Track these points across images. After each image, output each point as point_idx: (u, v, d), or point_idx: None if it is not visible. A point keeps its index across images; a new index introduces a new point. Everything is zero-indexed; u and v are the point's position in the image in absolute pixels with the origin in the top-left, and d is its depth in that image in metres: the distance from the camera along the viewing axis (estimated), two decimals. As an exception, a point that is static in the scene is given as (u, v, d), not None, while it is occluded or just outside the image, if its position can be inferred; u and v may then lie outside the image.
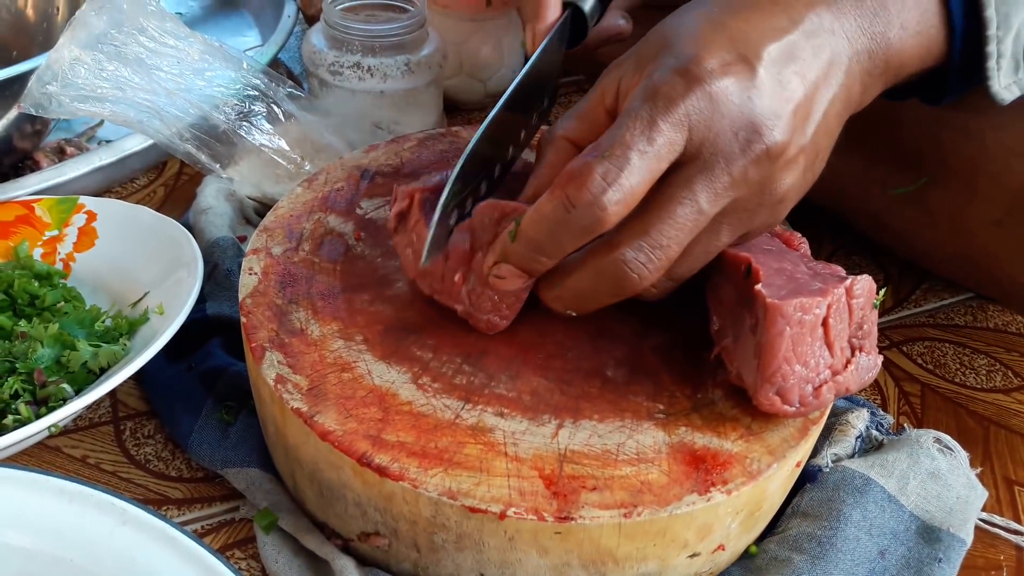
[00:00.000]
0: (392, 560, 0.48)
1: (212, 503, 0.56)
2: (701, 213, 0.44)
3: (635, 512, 0.43)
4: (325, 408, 0.46)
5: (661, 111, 0.43)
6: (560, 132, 0.50)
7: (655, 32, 0.48)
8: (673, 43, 0.46)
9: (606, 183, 0.42)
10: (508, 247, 0.46)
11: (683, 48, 0.45)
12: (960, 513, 0.54)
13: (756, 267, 0.47)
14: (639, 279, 0.45)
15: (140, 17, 0.66)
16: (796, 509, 0.53)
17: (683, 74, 0.44)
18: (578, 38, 0.59)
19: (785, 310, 0.44)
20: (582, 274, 0.46)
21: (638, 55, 0.47)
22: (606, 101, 0.48)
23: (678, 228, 0.44)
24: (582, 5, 0.57)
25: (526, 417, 0.47)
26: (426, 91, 0.79)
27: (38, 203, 0.68)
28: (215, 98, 0.69)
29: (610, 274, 0.45)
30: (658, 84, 0.44)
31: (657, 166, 0.43)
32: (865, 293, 0.47)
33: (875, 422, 0.58)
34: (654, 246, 0.44)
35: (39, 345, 0.57)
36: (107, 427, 0.60)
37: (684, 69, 0.44)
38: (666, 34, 0.47)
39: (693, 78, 0.44)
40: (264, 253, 0.55)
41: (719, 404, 0.48)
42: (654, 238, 0.44)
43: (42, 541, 0.44)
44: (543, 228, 0.45)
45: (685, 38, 0.45)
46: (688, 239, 0.45)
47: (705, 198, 0.44)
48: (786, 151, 0.45)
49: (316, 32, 0.78)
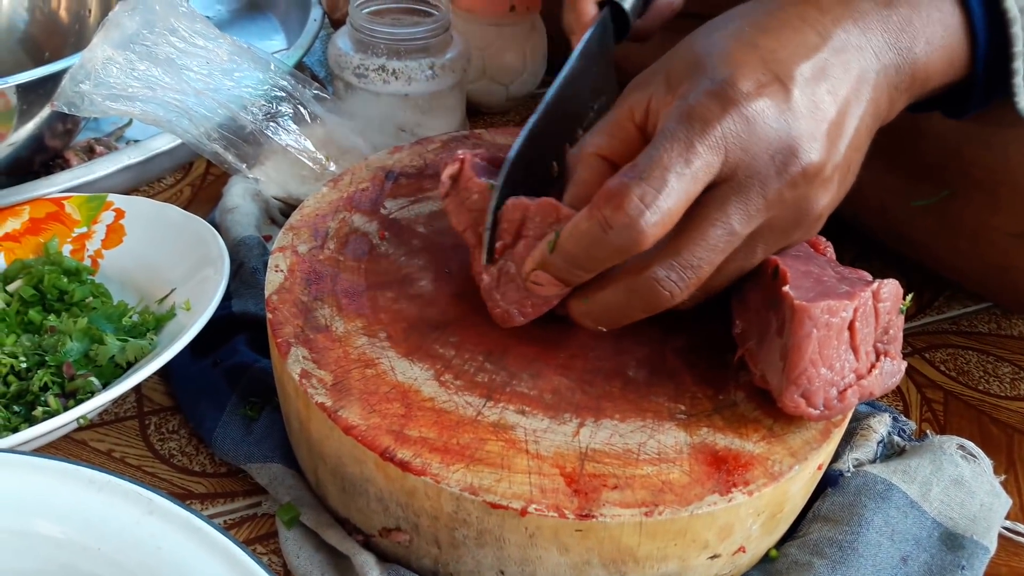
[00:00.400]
0: (413, 556, 0.48)
1: (235, 498, 0.56)
2: (734, 234, 0.45)
3: (656, 511, 0.43)
4: (349, 403, 0.47)
5: (698, 133, 0.43)
6: (591, 149, 0.50)
7: (684, 50, 0.48)
8: (705, 63, 0.46)
9: (643, 205, 0.42)
10: (547, 257, 0.46)
11: (717, 69, 0.45)
12: (984, 520, 0.54)
13: (784, 269, 0.47)
14: (670, 297, 0.45)
15: (171, 18, 0.67)
16: (817, 513, 0.53)
17: (718, 96, 0.44)
18: (621, 34, 0.59)
19: (812, 312, 0.44)
20: (614, 291, 0.46)
21: (668, 73, 0.47)
22: (635, 117, 0.48)
23: (710, 249, 0.44)
24: (622, 3, 0.57)
25: (547, 415, 0.47)
26: (450, 94, 0.80)
27: (68, 200, 0.69)
28: (243, 99, 0.70)
29: (642, 292, 0.45)
30: (694, 106, 0.44)
31: (694, 188, 0.44)
32: (892, 297, 0.47)
33: (897, 428, 0.57)
34: (686, 266, 0.45)
35: (68, 339, 0.58)
36: (132, 422, 0.60)
37: (719, 91, 0.44)
38: (697, 53, 0.47)
39: (729, 100, 0.44)
40: (290, 251, 0.55)
41: (741, 406, 0.48)
42: (686, 258, 0.44)
43: (70, 530, 0.45)
44: (581, 245, 0.45)
45: (717, 58, 0.45)
46: (720, 259, 0.45)
47: (738, 220, 0.44)
48: (822, 171, 0.45)
49: (342, 35, 0.79)
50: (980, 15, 0.49)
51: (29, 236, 0.67)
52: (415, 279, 0.54)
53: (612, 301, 0.47)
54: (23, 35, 0.84)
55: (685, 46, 0.49)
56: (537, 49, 0.88)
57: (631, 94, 0.49)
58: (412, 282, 0.54)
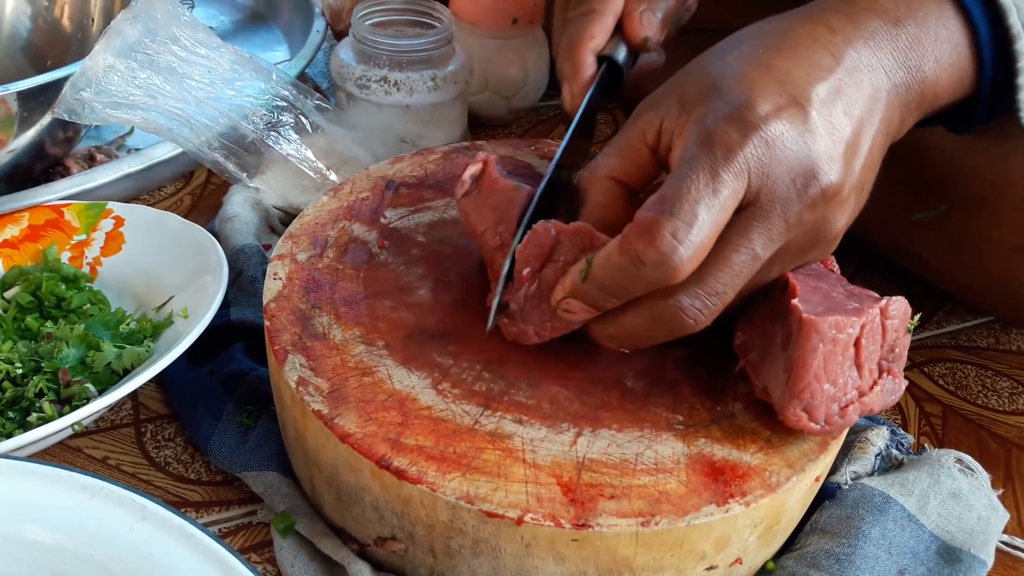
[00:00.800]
0: (408, 566, 0.48)
1: (230, 506, 0.56)
2: (756, 259, 0.44)
3: (653, 521, 0.43)
4: (345, 411, 0.46)
5: (722, 161, 0.43)
6: (603, 171, 0.49)
7: (696, 71, 0.48)
8: (720, 85, 0.45)
9: (676, 241, 0.42)
10: (579, 286, 0.46)
11: (732, 91, 0.45)
12: (981, 534, 0.53)
13: (793, 283, 0.47)
14: (694, 324, 0.45)
15: (173, 27, 0.67)
16: (815, 526, 0.53)
17: (737, 121, 0.44)
18: (614, 87, 0.59)
19: (820, 327, 0.44)
20: (638, 316, 0.46)
21: (681, 95, 0.47)
22: (647, 138, 0.48)
23: (734, 275, 0.44)
24: (616, 58, 0.57)
25: (545, 425, 0.47)
26: (451, 106, 0.80)
27: (67, 208, 0.69)
28: (244, 108, 0.70)
29: (666, 319, 0.45)
30: (713, 131, 0.44)
31: (723, 217, 0.43)
32: (900, 315, 0.47)
33: (895, 441, 0.57)
34: (710, 293, 0.44)
35: (64, 345, 0.58)
36: (128, 429, 0.60)
37: (737, 115, 0.44)
38: (710, 75, 0.47)
39: (748, 124, 0.43)
40: (289, 259, 0.55)
41: (739, 417, 0.48)
42: (711, 285, 0.44)
43: (62, 536, 0.45)
44: (613, 277, 0.45)
45: (732, 81, 0.45)
46: (743, 283, 0.45)
47: (761, 244, 0.44)
48: (840, 192, 0.45)
49: (344, 46, 0.79)
50: (985, 33, 0.49)
51: (28, 243, 0.67)
52: (414, 288, 0.54)
53: (636, 326, 0.46)
54: (25, 43, 0.84)
55: (696, 67, 0.48)
56: (539, 62, 0.88)
57: (642, 115, 0.49)
58: (411, 291, 0.54)
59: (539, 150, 0.68)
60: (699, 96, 0.46)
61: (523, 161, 0.66)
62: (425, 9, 0.79)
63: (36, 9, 0.84)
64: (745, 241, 0.44)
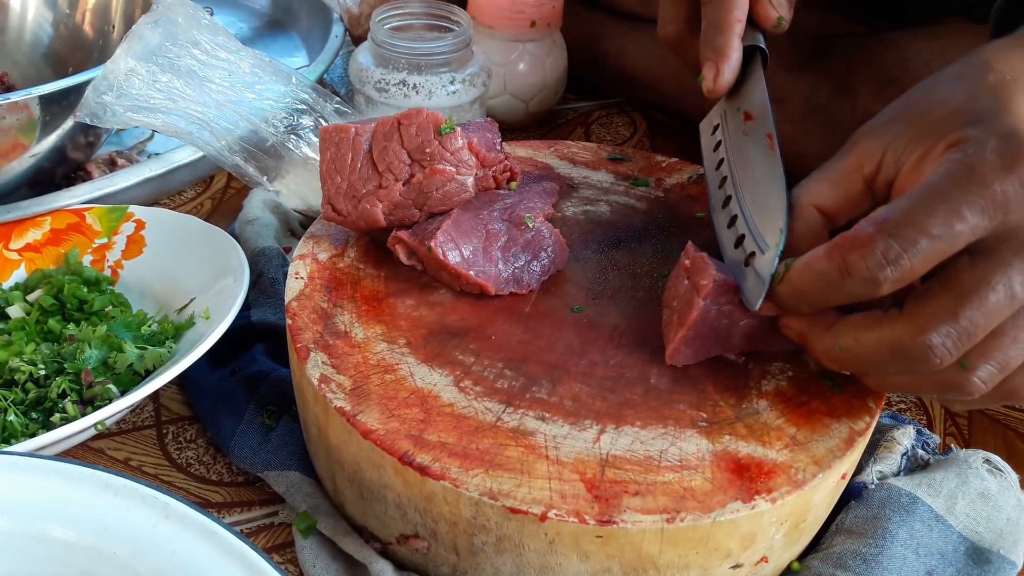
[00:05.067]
0: (430, 564, 0.48)
1: (252, 507, 0.56)
2: (1014, 299, 0.42)
3: (678, 518, 0.42)
4: (368, 408, 0.46)
5: (971, 196, 0.41)
6: (809, 199, 0.48)
7: (927, 100, 0.46)
8: (976, 115, 0.43)
9: (886, 260, 0.41)
10: (774, 288, 0.46)
11: (996, 123, 0.43)
12: (1011, 535, 0.53)
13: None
14: (939, 363, 0.43)
15: (194, 30, 0.67)
16: (840, 526, 0.52)
17: (1004, 154, 0.42)
18: None
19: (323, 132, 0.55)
20: (876, 345, 0.44)
21: (915, 124, 0.45)
22: (865, 170, 0.47)
23: (988, 314, 0.42)
24: (759, 44, 0.58)
25: (567, 422, 0.47)
26: (470, 109, 0.80)
27: (89, 211, 0.69)
28: (264, 111, 0.70)
29: (911, 355, 0.43)
30: (975, 163, 0.42)
31: (949, 251, 0.42)
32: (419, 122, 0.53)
33: (921, 440, 0.57)
34: (962, 333, 0.42)
35: (87, 347, 0.58)
36: (150, 431, 0.60)
37: (1006, 148, 0.42)
38: (955, 103, 0.45)
39: (1015, 160, 0.41)
40: (310, 258, 0.55)
41: (763, 414, 0.48)
42: (963, 325, 0.42)
43: (86, 534, 0.44)
44: (811, 283, 0.44)
45: (992, 110, 0.43)
46: (995, 325, 0.42)
47: (1020, 283, 0.42)
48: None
49: (363, 50, 0.80)
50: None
51: (50, 247, 0.68)
52: (435, 286, 0.54)
53: (872, 354, 0.44)
54: (47, 50, 0.85)
55: (929, 95, 0.47)
56: (557, 65, 0.88)
57: (860, 143, 0.47)
58: (432, 290, 0.54)
59: (558, 151, 0.67)
60: (951, 122, 0.44)
61: (542, 162, 0.66)
62: (444, 13, 0.80)
63: (57, 16, 0.84)
64: (1004, 279, 0.42)
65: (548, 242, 0.55)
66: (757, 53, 0.58)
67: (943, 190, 0.42)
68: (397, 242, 0.54)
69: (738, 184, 0.53)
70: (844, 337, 0.45)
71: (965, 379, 0.44)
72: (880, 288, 0.42)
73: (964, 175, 0.42)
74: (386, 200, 0.54)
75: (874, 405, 0.49)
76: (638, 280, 0.56)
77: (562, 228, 0.57)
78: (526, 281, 0.54)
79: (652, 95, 0.92)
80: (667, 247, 0.59)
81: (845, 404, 0.49)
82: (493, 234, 0.54)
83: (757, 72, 0.57)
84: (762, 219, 0.50)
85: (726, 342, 0.50)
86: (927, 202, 0.42)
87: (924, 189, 0.42)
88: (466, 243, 0.53)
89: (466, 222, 0.54)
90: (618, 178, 0.65)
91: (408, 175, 0.54)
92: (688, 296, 0.49)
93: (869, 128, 0.48)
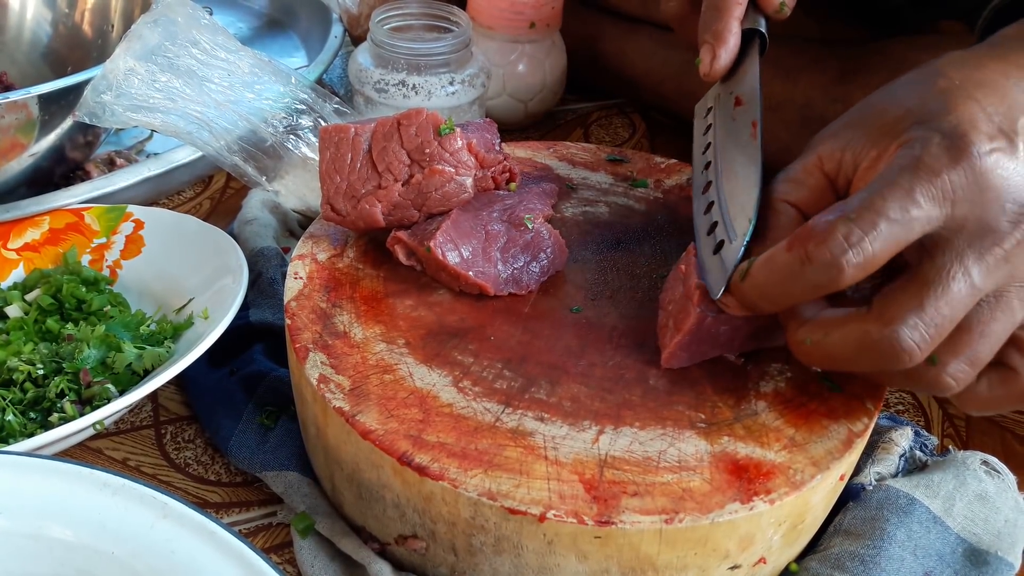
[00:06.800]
0: (429, 564, 0.48)
1: (250, 507, 0.56)
2: (974, 288, 0.43)
3: (676, 518, 0.42)
4: (367, 408, 0.46)
5: (923, 183, 0.42)
6: (778, 196, 0.49)
7: (884, 102, 0.48)
8: (926, 115, 0.45)
9: (847, 244, 0.42)
10: (736, 284, 0.46)
11: (944, 120, 0.44)
12: (1008, 537, 0.53)
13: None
14: (908, 358, 0.43)
15: (193, 30, 0.67)
16: (839, 527, 0.52)
17: (951, 149, 0.43)
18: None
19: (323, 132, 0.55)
20: (843, 341, 0.44)
21: (868, 125, 0.47)
22: (825, 167, 0.48)
23: (951, 304, 0.43)
24: (759, 28, 0.58)
25: (566, 422, 0.47)
26: (469, 110, 0.80)
27: (87, 211, 0.69)
28: (263, 111, 0.70)
29: (878, 350, 0.43)
30: (921, 156, 0.43)
31: (905, 237, 0.43)
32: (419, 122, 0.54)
33: (919, 442, 0.57)
34: (929, 323, 0.43)
35: (85, 346, 0.58)
36: (148, 431, 0.60)
37: (951, 144, 0.43)
38: (907, 105, 0.46)
39: (961, 152, 0.43)
40: (310, 259, 0.55)
41: (762, 415, 0.48)
42: (929, 315, 0.42)
43: (84, 534, 0.44)
44: (774, 278, 0.44)
45: (941, 110, 0.45)
46: (961, 316, 0.43)
47: (978, 272, 0.43)
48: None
49: (363, 51, 0.80)
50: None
51: (48, 246, 0.68)
52: (434, 287, 0.54)
53: (840, 349, 0.45)
54: (46, 49, 0.85)
55: (885, 99, 0.48)
56: (557, 66, 0.88)
57: (821, 144, 0.48)
58: (431, 290, 0.54)
59: (557, 152, 0.67)
60: (900, 124, 0.45)
61: (542, 163, 0.66)
62: (443, 13, 0.80)
63: (56, 16, 0.84)
64: (961, 268, 0.43)
65: (547, 243, 0.55)
66: (756, 37, 0.58)
67: (897, 179, 0.43)
68: (396, 242, 0.54)
69: (720, 171, 0.54)
70: (815, 332, 0.45)
71: (936, 376, 0.44)
72: (843, 274, 0.42)
73: (914, 166, 0.43)
74: (385, 200, 0.54)
75: (872, 406, 0.49)
76: (637, 281, 0.56)
77: (561, 229, 0.57)
78: (525, 282, 0.54)
79: (651, 96, 0.92)
80: (666, 248, 0.59)
81: (843, 405, 0.49)
82: (492, 235, 0.54)
83: (753, 57, 0.57)
84: (734, 208, 0.50)
85: (723, 344, 0.50)
86: (882, 189, 0.43)
87: (879, 179, 0.44)
88: (465, 244, 0.53)
89: (465, 223, 0.54)
90: (617, 179, 0.65)
91: (407, 175, 0.54)
92: (684, 302, 0.49)
93: (829, 131, 0.49)
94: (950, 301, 0.43)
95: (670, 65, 0.88)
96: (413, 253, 0.54)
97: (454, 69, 0.78)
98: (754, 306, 0.46)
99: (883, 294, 0.44)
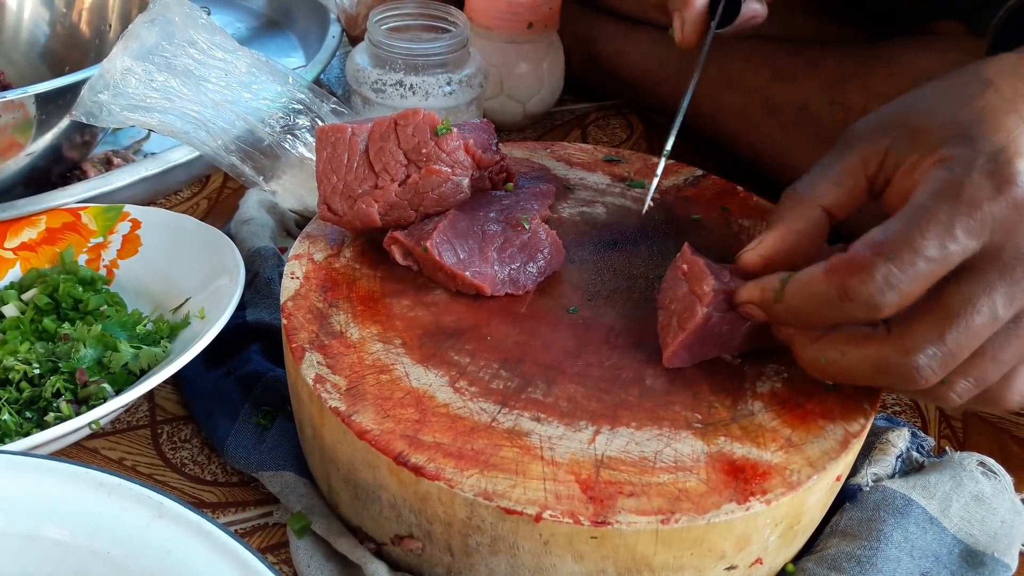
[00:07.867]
0: (425, 565, 0.48)
1: (246, 507, 0.56)
2: (996, 319, 0.42)
3: (673, 519, 0.42)
4: (363, 408, 0.46)
5: (963, 216, 0.41)
6: (812, 198, 0.48)
7: (927, 103, 0.46)
8: (967, 130, 0.44)
9: (887, 285, 0.42)
10: (770, 306, 0.46)
11: (986, 141, 0.43)
12: (1005, 538, 0.53)
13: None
14: (924, 383, 0.43)
15: (191, 30, 0.67)
16: (835, 528, 0.52)
17: (992, 175, 0.42)
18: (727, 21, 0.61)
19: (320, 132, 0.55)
20: (860, 363, 0.45)
21: (912, 127, 0.46)
22: (868, 170, 0.47)
23: (973, 336, 0.42)
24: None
25: (563, 423, 0.46)
26: (467, 110, 0.80)
27: (84, 211, 0.69)
28: (261, 111, 0.70)
29: (895, 373, 0.44)
30: (963, 181, 0.42)
31: (941, 272, 0.42)
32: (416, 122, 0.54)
33: (916, 443, 0.57)
34: (947, 355, 0.43)
35: (82, 346, 0.58)
36: (144, 430, 0.60)
37: (993, 169, 0.42)
38: (952, 114, 0.45)
39: (1004, 181, 0.42)
40: (306, 258, 0.55)
41: (758, 416, 0.48)
42: (949, 346, 0.42)
43: (79, 534, 0.44)
44: (810, 303, 0.44)
45: (984, 129, 0.43)
46: (977, 345, 0.43)
47: (1003, 304, 0.42)
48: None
49: (360, 51, 0.80)
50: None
51: (45, 246, 0.68)
52: (431, 287, 0.54)
53: (856, 370, 0.45)
54: (44, 49, 0.85)
55: (928, 100, 0.47)
56: (555, 66, 0.88)
57: (861, 142, 0.47)
58: (428, 290, 0.54)
59: (554, 152, 0.67)
60: (941, 135, 0.44)
61: (539, 164, 0.66)
62: (440, 13, 0.80)
63: (54, 15, 0.84)
64: (988, 301, 0.42)
65: (544, 243, 0.55)
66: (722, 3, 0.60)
67: (935, 211, 0.42)
68: (393, 242, 0.54)
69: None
70: (830, 351, 0.45)
71: (943, 393, 0.45)
72: (880, 313, 0.42)
73: (953, 195, 0.42)
74: (382, 200, 0.54)
75: (869, 407, 0.49)
76: (634, 281, 0.56)
77: (558, 229, 0.57)
78: (522, 282, 0.54)
79: (649, 97, 0.92)
80: (663, 249, 0.59)
81: (840, 406, 0.49)
82: (489, 235, 0.54)
83: None
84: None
85: (724, 344, 0.50)
86: (921, 224, 0.42)
87: (916, 209, 0.42)
88: (462, 244, 0.53)
89: (462, 223, 0.54)
90: (614, 180, 0.65)
91: (404, 175, 0.54)
92: (688, 302, 0.49)
93: (868, 127, 0.47)
94: (972, 334, 0.42)
95: (668, 66, 0.88)
96: (410, 253, 0.54)
97: (451, 69, 0.78)
98: (783, 322, 0.47)
99: (904, 319, 0.43)
